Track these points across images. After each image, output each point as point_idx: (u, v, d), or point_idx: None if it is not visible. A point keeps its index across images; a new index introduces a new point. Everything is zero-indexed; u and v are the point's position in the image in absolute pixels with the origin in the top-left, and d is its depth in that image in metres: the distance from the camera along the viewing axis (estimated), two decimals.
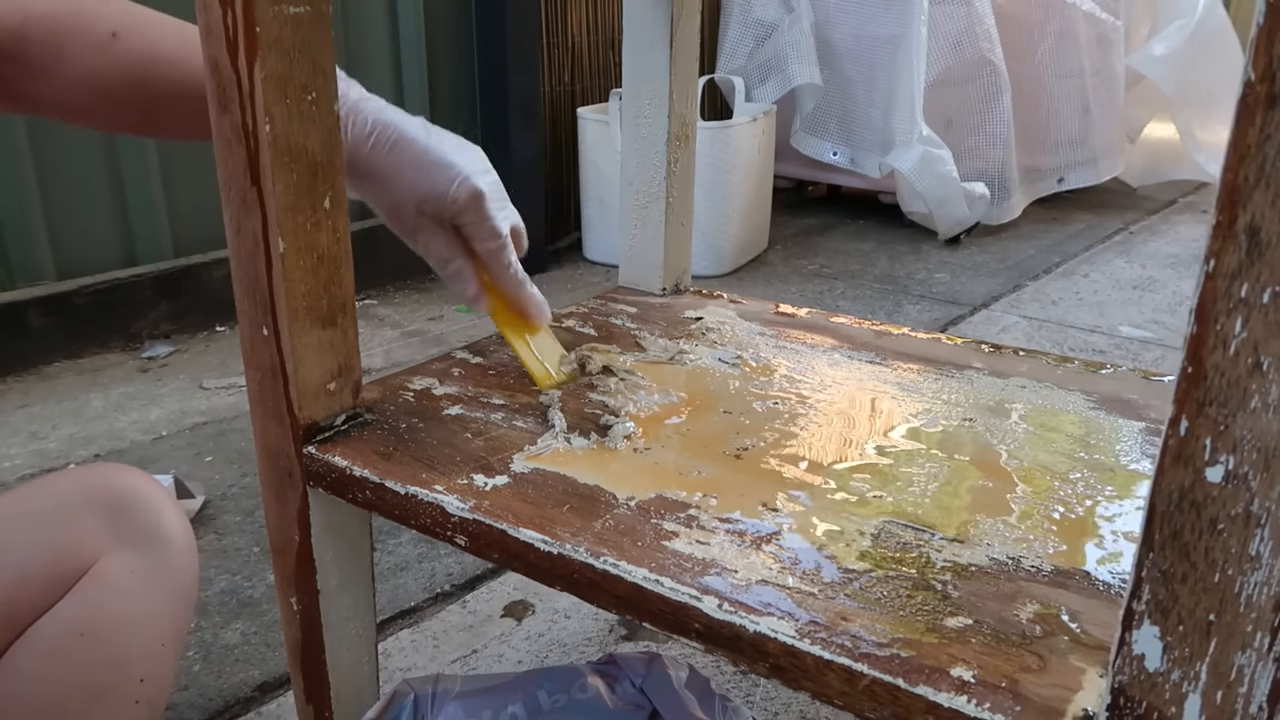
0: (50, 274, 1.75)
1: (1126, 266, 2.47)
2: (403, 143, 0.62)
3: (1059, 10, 2.69)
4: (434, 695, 0.71)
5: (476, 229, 0.65)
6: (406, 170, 0.63)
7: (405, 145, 0.62)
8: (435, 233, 0.65)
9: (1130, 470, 0.60)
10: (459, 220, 0.65)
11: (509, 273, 0.68)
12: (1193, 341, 0.31)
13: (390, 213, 0.65)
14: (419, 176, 0.63)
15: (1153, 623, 0.34)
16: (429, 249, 0.66)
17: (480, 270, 0.68)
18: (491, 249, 0.66)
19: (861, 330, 0.83)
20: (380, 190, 0.64)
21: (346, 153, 0.62)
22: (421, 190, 0.63)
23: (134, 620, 0.59)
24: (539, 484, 0.57)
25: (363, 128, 0.62)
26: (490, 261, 0.67)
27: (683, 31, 0.86)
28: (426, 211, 0.64)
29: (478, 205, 0.64)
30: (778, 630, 0.44)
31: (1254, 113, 0.28)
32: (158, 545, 0.61)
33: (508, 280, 0.68)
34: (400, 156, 0.62)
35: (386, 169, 0.63)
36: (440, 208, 0.64)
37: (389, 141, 0.62)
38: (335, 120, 0.57)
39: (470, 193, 0.63)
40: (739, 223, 2.37)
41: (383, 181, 0.63)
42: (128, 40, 0.60)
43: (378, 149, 0.62)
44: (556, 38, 2.41)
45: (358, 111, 0.62)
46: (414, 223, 0.65)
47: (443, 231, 0.66)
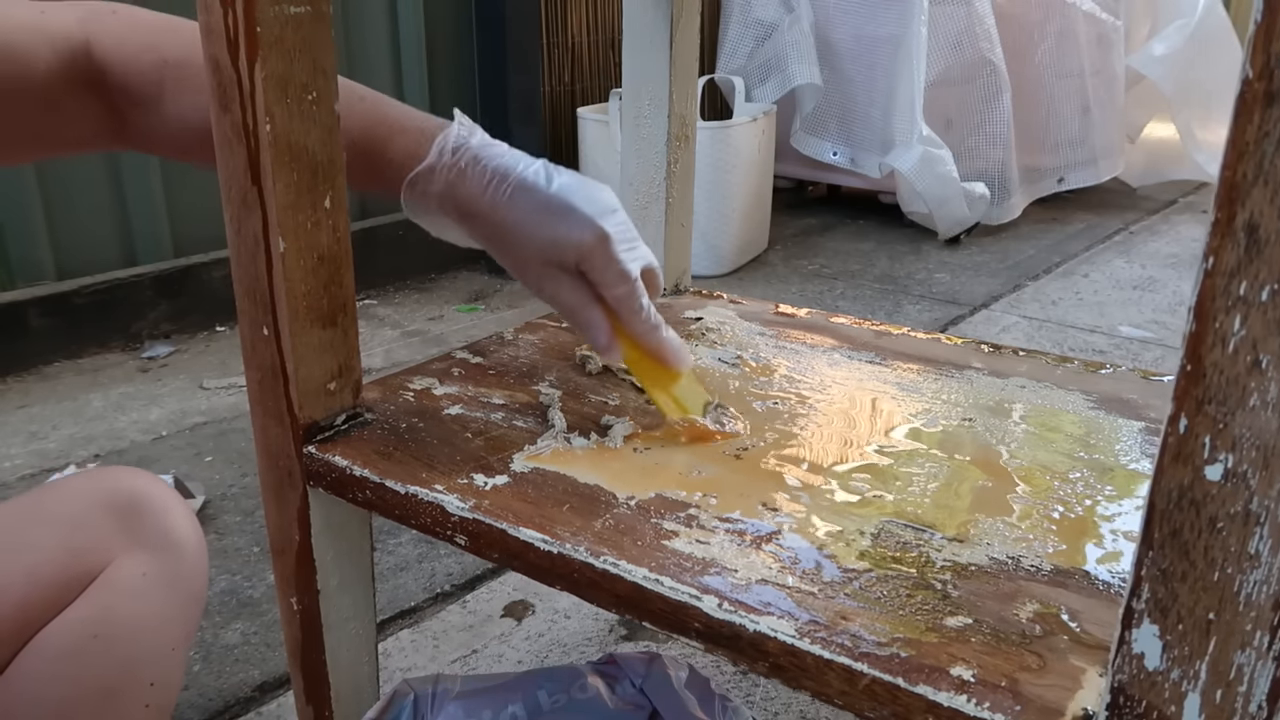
0: (50, 274, 1.75)
1: (1126, 266, 2.47)
2: (521, 190, 0.59)
3: (1059, 10, 2.69)
4: (434, 695, 0.71)
5: (604, 273, 0.60)
6: (528, 218, 0.59)
7: (524, 192, 0.59)
8: (561, 280, 0.61)
9: (1130, 470, 0.60)
10: (585, 265, 0.61)
11: (640, 318, 0.62)
12: (1192, 339, 0.31)
13: (514, 263, 0.62)
14: (540, 224, 0.59)
15: (1152, 621, 0.34)
16: (556, 299, 0.62)
17: (612, 317, 0.63)
18: (621, 294, 0.61)
19: (861, 330, 0.83)
20: (502, 240, 0.61)
21: (465, 202, 0.60)
22: (544, 238, 0.60)
23: (146, 623, 0.59)
24: (539, 483, 0.58)
25: (481, 176, 0.60)
26: (620, 308, 0.62)
27: (683, 32, 0.86)
28: (553, 260, 0.60)
29: (604, 248, 0.60)
30: (777, 629, 0.44)
31: (1252, 110, 0.28)
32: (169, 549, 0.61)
33: (640, 325, 0.62)
34: (521, 203, 0.59)
35: (508, 218, 0.60)
36: (564, 255, 0.60)
37: (508, 189, 0.59)
38: (335, 120, 0.57)
39: (596, 236, 0.59)
40: (739, 223, 2.37)
41: (504, 231, 0.60)
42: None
43: (496, 197, 0.59)
44: (556, 38, 2.41)
45: (477, 160, 0.60)
46: (539, 271, 0.61)
47: (569, 278, 0.61)
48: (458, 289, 2.23)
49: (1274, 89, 0.28)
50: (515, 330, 0.83)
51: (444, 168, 0.59)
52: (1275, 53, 0.27)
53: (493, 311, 2.10)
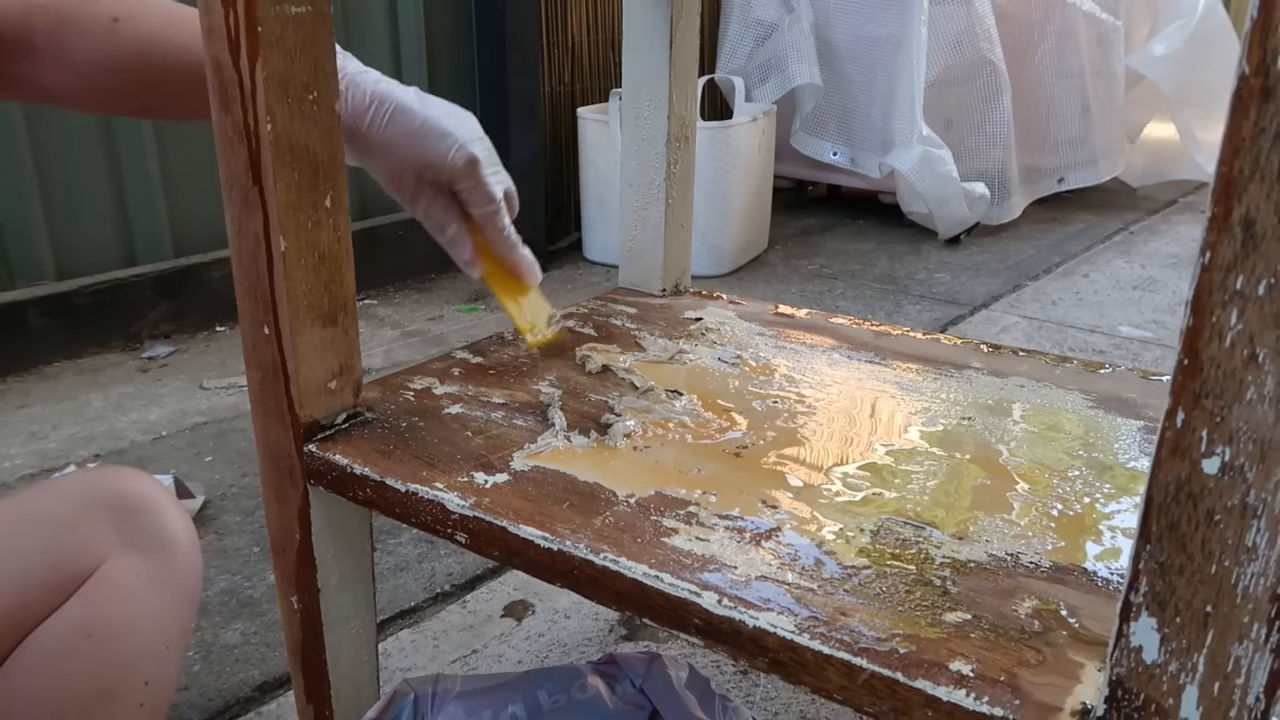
0: (50, 274, 1.76)
1: (1126, 266, 2.47)
2: (400, 112, 0.64)
3: (1059, 10, 2.69)
4: (434, 695, 0.71)
5: (472, 193, 0.67)
6: (405, 139, 0.65)
7: (403, 115, 0.64)
8: (434, 199, 0.68)
9: (1129, 468, 0.60)
10: (456, 186, 0.67)
11: (503, 235, 0.70)
12: (1189, 334, 0.31)
13: (390, 180, 0.68)
14: (417, 145, 0.65)
15: (1150, 615, 0.35)
16: (428, 215, 0.69)
17: (475, 235, 0.70)
18: (486, 213, 0.68)
19: (861, 330, 0.84)
20: (380, 159, 0.66)
21: (346, 124, 0.64)
22: (420, 158, 0.65)
23: (140, 623, 0.59)
24: (539, 481, 0.58)
25: (361, 100, 0.64)
26: (485, 225, 0.69)
27: (682, 32, 0.86)
28: (425, 178, 0.67)
29: (473, 170, 0.66)
30: (777, 625, 0.44)
31: (1248, 106, 0.28)
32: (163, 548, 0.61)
33: (502, 242, 0.70)
34: (398, 126, 0.64)
35: (386, 139, 0.65)
36: (438, 174, 0.66)
37: (387, 112, 0.64)
38: (336, 119, 0.58)
39: (466, 158, 0.65)
40: (739, 223, 2.37)
41: (382, 151, 0.66)
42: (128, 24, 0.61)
43: (376, 120, 0.64)
44: (556, 38, 2.41)
45: (356, 84, 0.64)
46: (414, 189, 0.67)
47: (441, 198, 0.68)
48: (458, 289, 2.23)
49: (1270, 85, 0.28)
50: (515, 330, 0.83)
51: None
52: (1271, 49, 0.28)
53: (493, 311, 2.10)
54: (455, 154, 0.65)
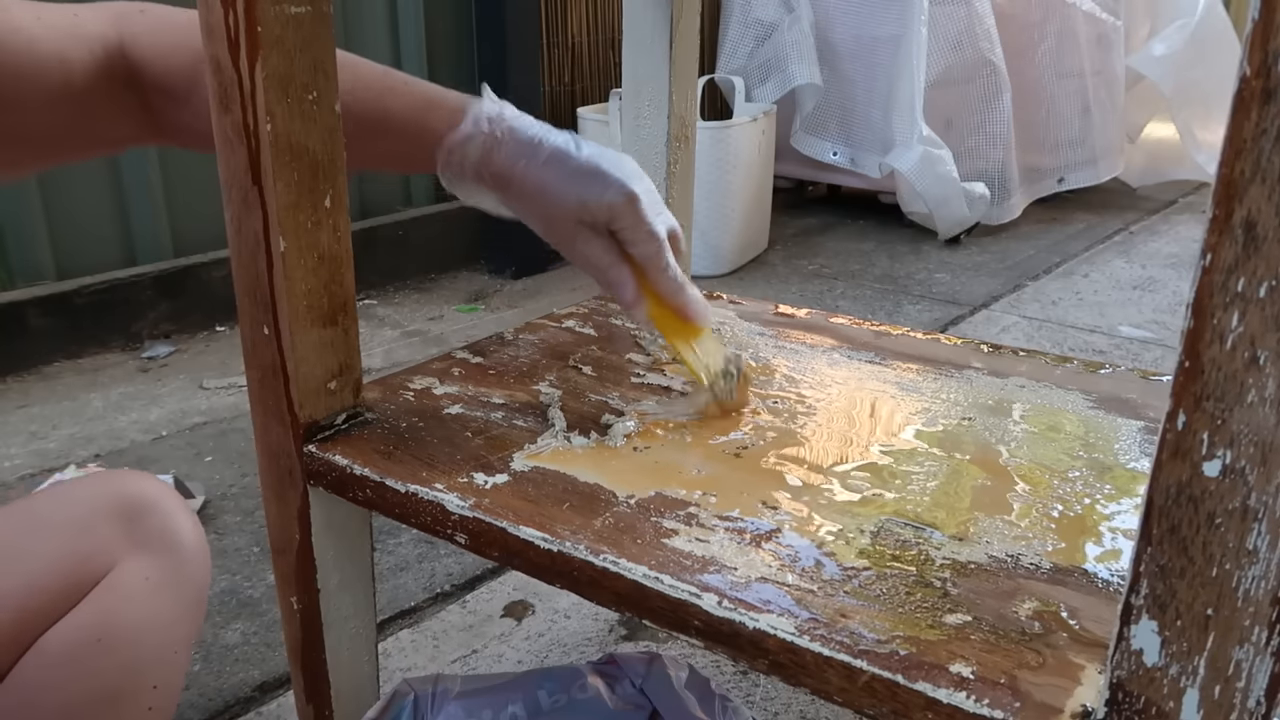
0: (50, 274, 1.76)
1: (1126, 266, 2.47)
2: (556, 156, 0.64)
3: (1059, 10, 2.69)
4: (434, 695, 0.71)
5: (633, 232, 0.65)
6: (562, 180, 0.63)
7: (558, 158, 0.64)
8: (591, 240, 0.65)
9: (1129, 469, 0.60)
10: (615, 225, 0.65)
11: (667, 275, 0.66)
12: (1190, 336, 0.31)
13: (547, 225, 0.66)
14: (574, 186, 0.63)
15: (1151, 617, 0.34)
16: (587, 257, 0.66)
17: (639, 276, 0.67)
18: (648, 252, 0.65)
19: (861, 330, 0.84)
20: (536, 203, 0.65)
21: (501, 170, 0.64)
22: (577, 198, 0.64)
23: (149, 626, 0.59)
24: (539, 482, 0.58)
25: (516, 144, 0.63)
26: (648, 265, 0.66)
27: (682, 32, 0.86)
28: (584, 220, 0.64)
29: (633, 208, 0.64)
30: (777, 627, 0.44)
31: (1249, 107, 0.28)
32: (172, 552, 0.61)
33: (667, 283, 0.66)
34: (554, 169, 0.63)
35: (542, 182, 0.64)
36: (596, 214, 0.64)
37: (543, 156, 0.63)
38: (336, 119, 0.57)
39: (626, 197, 0.63)
40: (739, 223, 2.37)
41: (538, 195, 0.64)
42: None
43: (532, 163, 0.63)
44: (556, 38, 2.41)
45: (512, 129, 0.64)
46: (571, 232, 0.65)
47: (599, 239, 0.65)
48: (458, 289, 2.23)
49: (1271, 86, 0.28)
50: (515, 330, 0.83)
51: (480, 136, 0.63)
52: (1272, 50, 0.28)
53: (493, 311, 2.10)
54: (614, 192, 0.63)
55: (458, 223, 2.29)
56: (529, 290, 2.23)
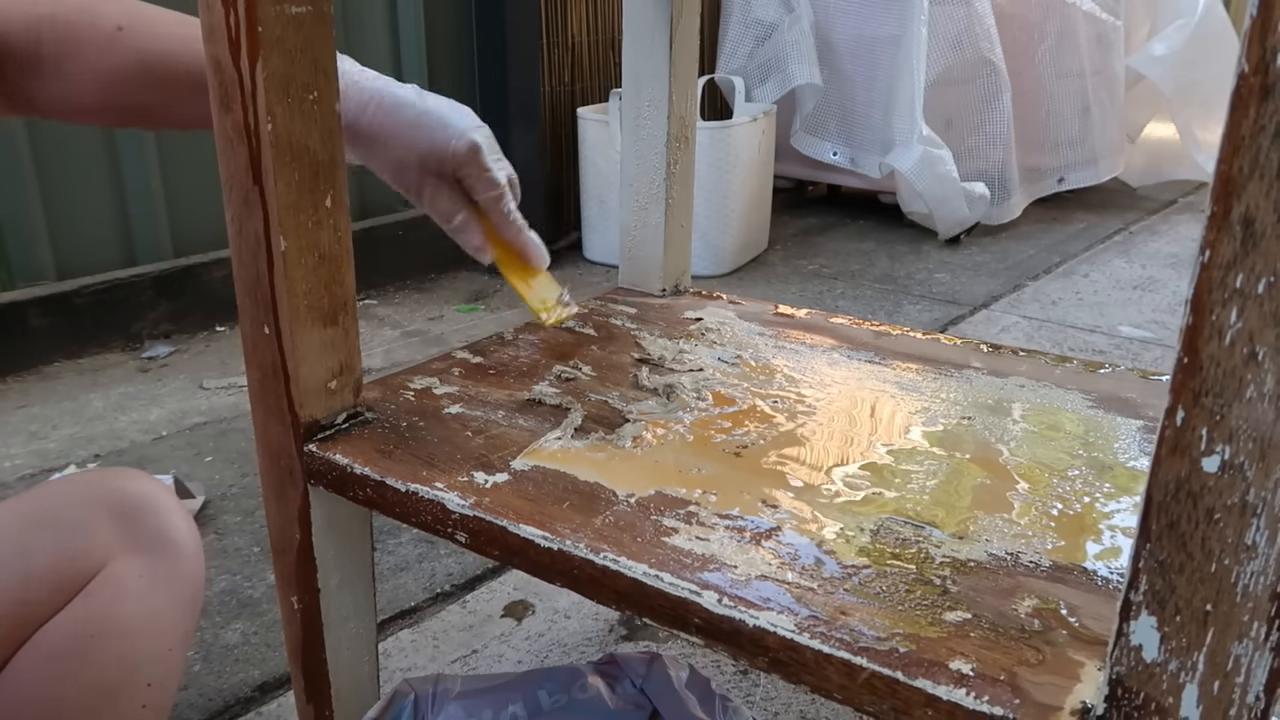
0: (50, 274, 1.76)
1: (1126, 266, 2.47)
2: (399, 106, 0.66)
3: (1059, 10, 2.69)
4: (434, 695, 0.71)
5: (476, 179, 0.68)
6: (406, 130, 0.66)
7: (402, 108, 0.66)
8: (439, 188, 0.69)
9: (1129, 468, 0.60)
10: (460, 173, 0.68)
11: (509, 219, 0.71)
12: (1188, 332, 0.31)
13: (394, 173, 0.69)
14: (418, 135, 0.66)
15: (1150, 613, 0.35)
16: (434, 204, 0.69)
17: (482, 220, 0.71)
18: (492, 197, 0.69)
19: (861, 330, 0.84)
20: (383, 152, 0.67)
21: (346, 122, 0.65)
22: (422, 147, 0.66)
23: (143, 624, 0.59)
24: (539, 481, 0.58)
25: (360, 96, 0.66)
26: (491, 209, 0.70)
27: (682, 32, 0.86)
28: (429, 168, 0.68)
29: (476, 156, 0.67)
30: (777, 625, 0.44)
31: (1248, 104, 0.28)
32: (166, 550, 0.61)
33: (508, 226, 0.71)
34: (398, 118, 0.66)
35: (387, 131, 0.66)
36: (441, 162, 0.67)
37: (387, 107, 0.66)
38: (336, 119, 0.58)
39: (468, 145, 0.66)
40: (739, 223, 2.37)
41: (384, 144, 0.67)
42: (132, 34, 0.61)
43: (377, 114, 0.66)
44: (556, 38, 2.41)
45: (355, 83, 0.66)
46: (418, 180, 0.68)
47: (445, 186, 0.69)
48: (458, 289, 2.23)
49: (1269, 83, 0.28)
50: (515, 330, 0.83)
51: None
52: (1270, 47, 0.28)
53: (493, 311, 2.10)
54: (457, 141, 0.66)
55: None
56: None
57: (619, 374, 0.73)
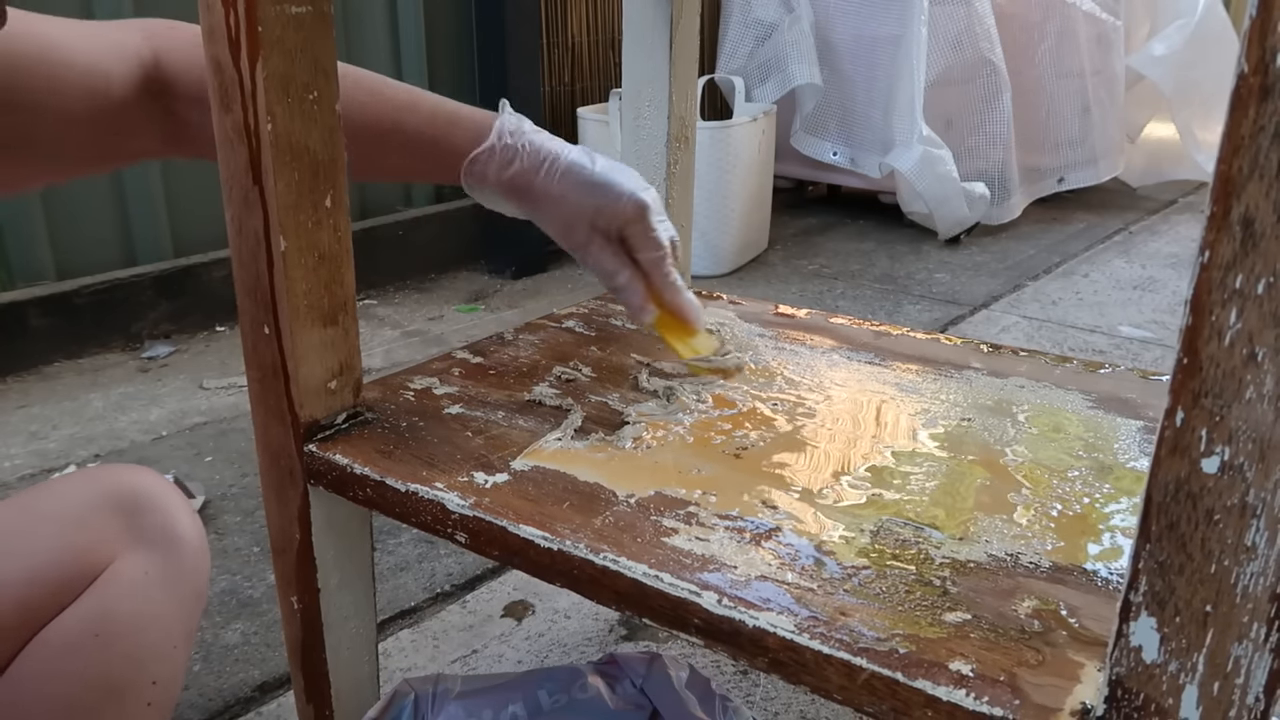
0: (50, 274, 1.76)
1: (1126, 266, 2.47)
2: (573, 168, 0.69)
3: (1059, 10, 2.69)
4: (434, 695, 0.71)
5: (641, 240, 0.71)
6: (579, 190, 0.69)
7: (574, 170, 0.69)
8: (604, 247, 0.71)
9: (1129, 468, 0.60)
10: (625, 232, 0.71)
11: (670, 280, 0.72)
12: (1188, 333, 0.31)
13: (563, 231, 0.71)
14: (590, 196, 0.69)
15: (1150, 614, 0.35)
16: (599, 263, 0.72)
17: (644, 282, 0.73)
18: (655, 258, 0.71)
19: (861, 331, 0.84)
20: (554, 211, 0.70)
21: (519, 180, 0.69)
22: (591, 208, 0.70)
23: (148, 621, 0.60)
24: (539, 481, 0.58)
25: (535, 156, 0.69)
26: (654, 270, 0.72)
27: (682, 32, 0.86)
28: (598, 227, 0.70)
29: (643, 216, 0.70)
30: (777, 625, 0.44)
31: (1247, 104, 0.28)
32: (171, 546, 0.61)
33: (669, 287, 0.72)
34: (570, 180, 0.69)
35: (559, 192, 0.69)
36: (610, 221, 0.70)
37: (560, 168, 0.69)
38: (337, 119, 0.58)
39: (637, 205, 0.69)
40: (739, 223, 2.37)
41: (557, 204, 0.70)
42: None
43: (550, 175, 0.69)
44: (556, 38, 2.42)
45: (531, 144, 0.69)
46: (585, 239, 0.71)
47: (610, 246, 0.71)
48: (458, 289, 2.23)
49: (1269, 83, 0.28)
50: (515, 330, 0.83)
51: (502, 149, 0.69)
52: (1270, 47, 0.28)
53: (493, 311, 2.10)
54: (627, 201, 0.69)
55: (458, 223, 2.30)
56: (529, 290, 2.24)
57: (619, 375, 0.73)
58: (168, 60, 0.62)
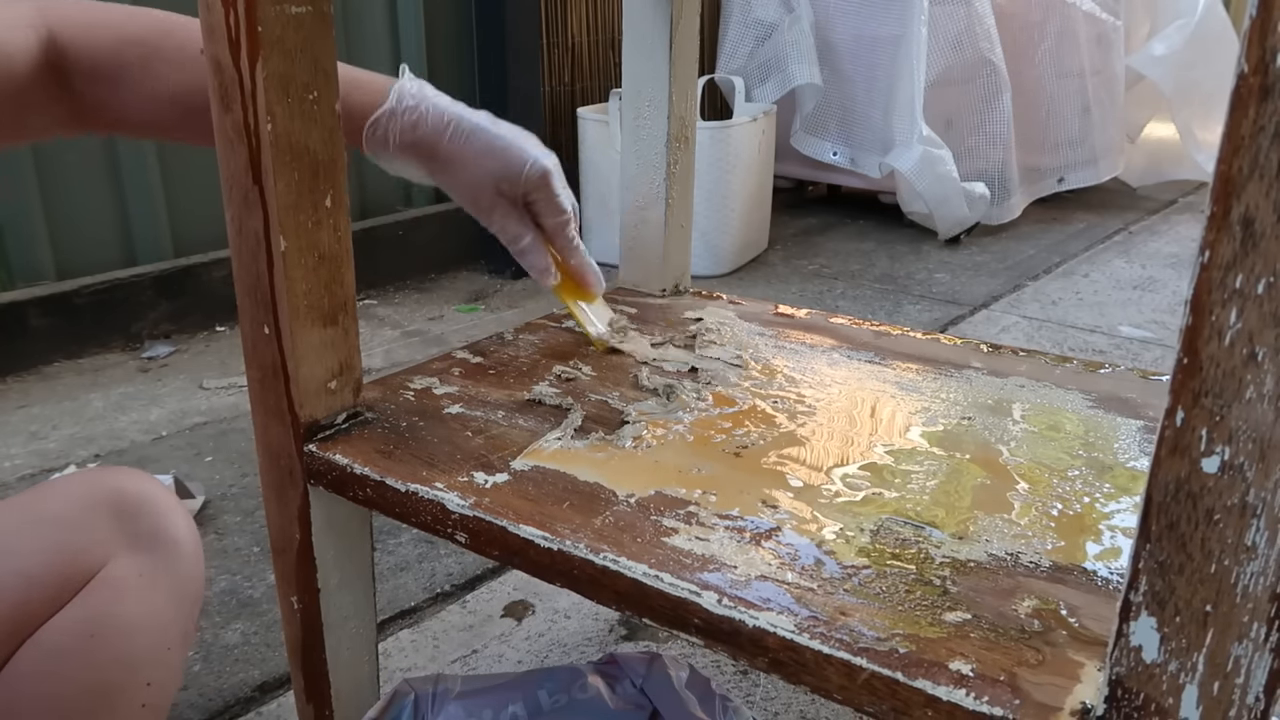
0: (50, 274, 1.76)
1: (1126, 266, 2.47)
2: (477, 131, 0.69)
3: (1059, 10, 2.69)
4: (434, 695, 0.71)
5: (546, 205, 0.72)
6: (482, 155, 0.70)
7: (479, 133, 0.69)
8: (509, 211, 0.72)
9: (1129, 468, 0.60)
10: (530, 197, 0.72)
11: (572, 244, 0.75)
12: (1188, 333, 0.31)
13: (468, 195, 0.72)
14: (495, 159, 0.70)
15: (1150, 614, 0.35)
16: (504, 227, 0.73)
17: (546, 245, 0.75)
18: (558, 223, 0.73)
19: (861, 330, 0.84)
20: (459, 175, 0.71)
21: (425, 142, 0.69)
22: (497, 171, 0.70)
23: (142, 623, 0.59)
24: (539, 481, 0.58)
25: (440, 120, 0.68)
26: (556, 234, 0.74)
27: (682, 32, 0.86)
28: (503, 191, 0.71)
29: (547, 182, 0.71)
30: (777, 625, 0.44)
31: (1247, 104, 0.28)
32: (165, 549, 0.61)
33: (571, 251, 0.75)
34: (475, 143, 0.69)
35: (464, 155, 0.69)
36: (514, 186, 0.71)
37: (465, 131, 0.69)
38: (336, 119, 0.58)
39: (541, 171, 0.70)
40: (739, 223, 2.37)
41: (461, 167, 0.70)
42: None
43: (455, 138, 0.69)
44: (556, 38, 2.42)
45: (435, 106, 0.69)
46: (490, 202, 0.72)
47: (515, 210, 0.72)
48: (458, 289, 2.23)
49: (1269, 83, 0.28)
50: (515, 330, 0.83)
51: (402, 112, 0.68)
52: (1270, 47, 0.28)
53: (493, 311, 2.10)
54: (531, 167, 0.70)
55: (458, 223, 2.29)
56: (529, 290, 2.24)
57: (619, 374, 0.73)
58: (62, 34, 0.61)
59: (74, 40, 0.62)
